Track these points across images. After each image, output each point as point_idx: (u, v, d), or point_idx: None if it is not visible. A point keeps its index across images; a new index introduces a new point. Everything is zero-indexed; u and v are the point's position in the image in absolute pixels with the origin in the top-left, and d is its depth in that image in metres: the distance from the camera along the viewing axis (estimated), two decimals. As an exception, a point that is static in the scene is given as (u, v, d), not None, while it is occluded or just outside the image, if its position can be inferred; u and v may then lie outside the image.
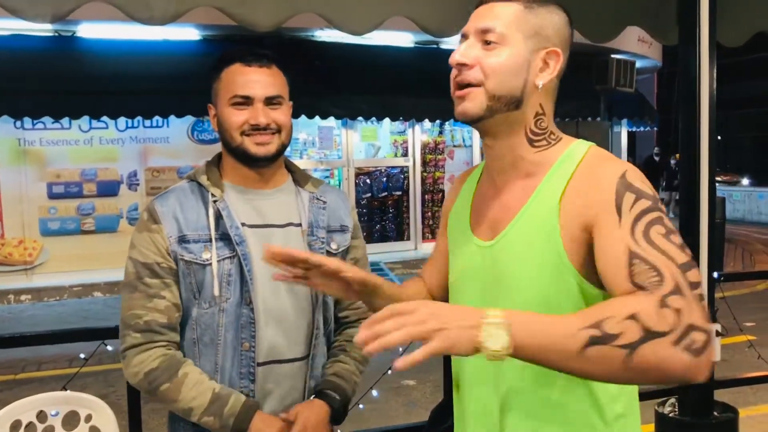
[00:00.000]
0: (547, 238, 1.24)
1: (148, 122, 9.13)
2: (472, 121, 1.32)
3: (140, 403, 2.56)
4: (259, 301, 1.69)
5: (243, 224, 1.71)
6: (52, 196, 8.94)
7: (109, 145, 9.12)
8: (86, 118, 8.51)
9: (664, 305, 1.06)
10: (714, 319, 3.16)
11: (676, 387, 3.32)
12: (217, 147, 1.82)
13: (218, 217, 1.69)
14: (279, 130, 1.72)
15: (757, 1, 3.34)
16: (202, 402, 1.63)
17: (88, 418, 2.38)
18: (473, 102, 1.29)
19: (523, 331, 1.05)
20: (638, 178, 1.21)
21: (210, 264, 1.67)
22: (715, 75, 3.14)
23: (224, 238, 1.68)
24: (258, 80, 1.70)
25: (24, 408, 2.37)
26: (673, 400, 3.33)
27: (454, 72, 1.32)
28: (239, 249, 1.67)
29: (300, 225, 1.77)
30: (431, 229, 11.11)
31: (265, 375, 1.71)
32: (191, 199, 1.72)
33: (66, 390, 2.48)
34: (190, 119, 9.07)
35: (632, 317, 1.05)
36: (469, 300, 1.38)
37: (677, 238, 1.14)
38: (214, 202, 1.70)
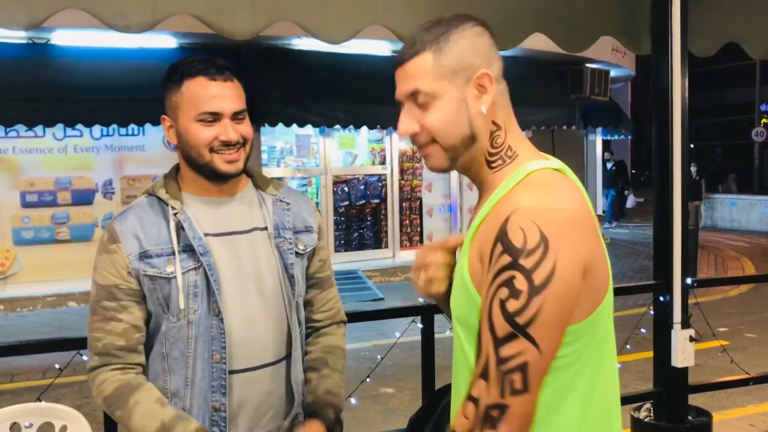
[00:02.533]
0: (463, 263, 1.29)
1: (123, 130, 9.04)
2: (445, 171, 1.37)
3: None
4: (228, 311, 1.67)
5: (206, 234, 1.69)
6: (26, 204, 8.81)
7: (83, 153, 9.02)
8: (60, 126, 8.41)
9: (468, 399, 1.19)
10: (688, 325, 3.21)
11: (650, 392, 3.36)
12: None
13: (180, 229, 1.67)
14: (245, 143, 1.70)
15: (727, 13, 3.41)
16: (148, 428, 1.61)
17: (63, 429, 2.34)
18: (436, 159, 1.33)
19: None
20: (520, 223, 1.16)
21: (174, 277, 1.64)
22: (687, 84, 3.19)
23: (188, 249, 1.66)
24: (225, 95, 1.66)
25: None
26: (648, 405, 3.37)
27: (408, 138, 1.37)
28: (204, 259, 1.65)
29: (265, 228, 1.76)
30: (409, 236, 11.12)
31: (240, 384, 1.69)
32: (151, 214, 1.69)
33: (40, 401, 2.44)
34: (165, 127, 9.02)
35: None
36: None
37: (516, 303, 1.13)
38: (175, 214, 1.67)
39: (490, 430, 1.14)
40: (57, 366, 2.67)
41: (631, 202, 20.53)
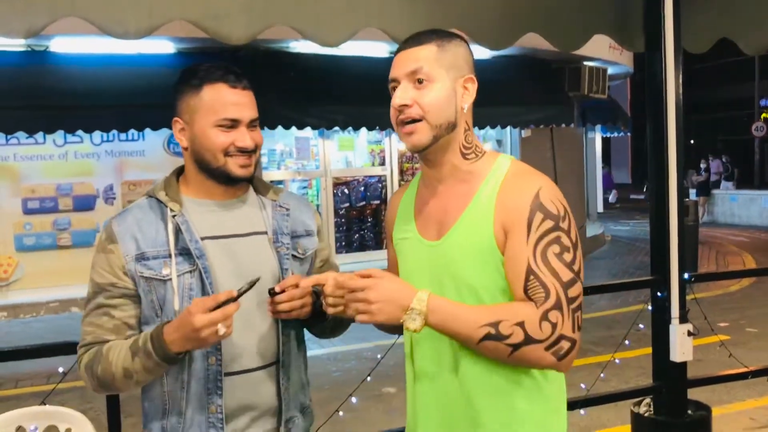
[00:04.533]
0: (484, 234, 1.52)
1: (123, 136, 9.09)
2: (422, 150, 1.58)
3: (120, 418, 2.55)
4: None
5: (205, 237, 1.71)
6: (27, 211, 8.86)
7: (84, 159, 9.07)
8: (60, 132, 8.45)
9: (544, 318, 1.43)
10: (686, 320, 3.23)
11: (650, 387, 3.38)
12: None
13: (178, 231, 1.69)
14: (256, 150, 1.75)
15: (720, 9, 3.43)
16: (125, 356, 1.62)
17: None
18: (420, 134, 1.55)
19: (436, 318, 1.46)
20: (549, 197, 1.50)
21: (170, 279, 1.67)
22: (681, 80, 3.21)
23: (184, 252, 1.68)
24: (244, 103, 1.71)
25: (2, 424, 2.36)
26: (648, 400, 3.39)
27: (395, 113, 1.57)
28: (199, 262, 1.67)
29: (265, 233, 1.79)
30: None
31: (235, 386, 1.70)
32: (150, 216, 1.72)
33: (45, 405, 2.47)
34: (165, 132, 9.05)
35: (520, 324, 1.43)
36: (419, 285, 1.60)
37: (568, 255, 1.47)
38: (173, 217, 1.70)
39: (556, 359, 1.45)
40: (61, 369, 2.69)
41: (613, 196, 21.75)
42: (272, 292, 1.68)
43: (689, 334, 3.21)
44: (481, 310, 1.47)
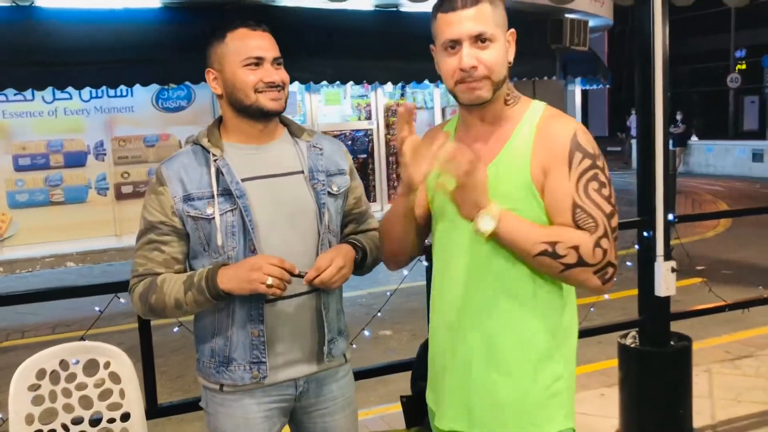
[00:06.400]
0: (522, 169, 1.65)
1: (112, 92, 9.09)
2: (483, 103, 1.67)
3: (153, 355, 2.72)
4: (263, 247, 1.85)
5: (245, 179, 1.87)
6: (19, 168, 8.91)
7: (74, 115, 9.09)
8: (50, 89, 8.46)
9: (597, 245, 1.58)
10: (669, 257, 3.46)
11: (635, 320, 3.64)
12: (181, 115, 1.98)
13: (219, 174, 1.85)
14: (284, 87, 1.90)
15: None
16: (179, 289, 1.79)
17: (107, 365, 2.51)
18: (483, 90, 1.65)
19: (505, 227, 1.59)
20: (585, 138, 1.64)
21: (213, 218, 1.83)
22: (667, 33, 3.39)
23: (226, 193, 1.84)
24: (266, 43, 1.88)
25: (47, 357, 2.48)
26: (633, 332, 3.64)
27: (459, 73, 1.64)
28: (240, 202, 1.82)
29: (301, 172, 1.94)
30: (396, 190, 11.34)
31: (275, 313, 1.88)
32: (194, 161, 1.88)
33: (84, 340, 2.62)
34: (153, 88, 9.06)
35: (575, 248, 1.57)
36: (455, 217, 1.70)
37: (606, 191, 1.62)
38: (215, 161, 1.86)
39: (602, 283, 1.60)
40: (97, 308, 2.83)
41: None
42: (305, 278, 1.81)
43: (672, 270, 3.45)
44: (542, 229, 1.61)
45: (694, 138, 20.13)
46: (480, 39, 1.62)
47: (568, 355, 1.74)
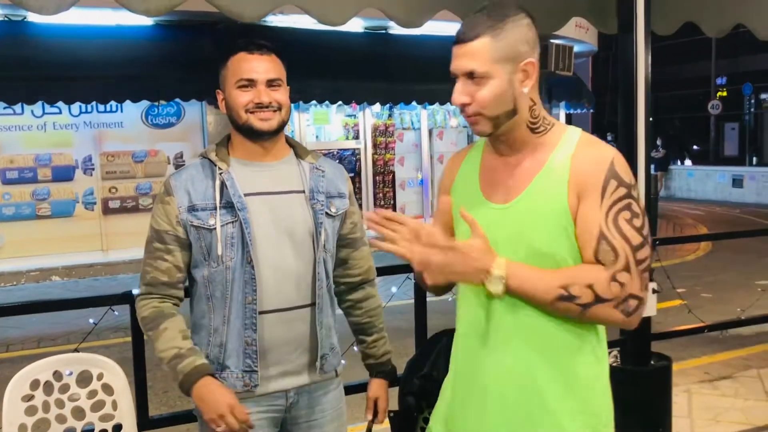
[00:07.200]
0: (559, 199, 1.58)
1: (101, 107, 9.11)
2: (487, 135, 1.65)
3: (146, 367, 2.76)
4: (261, 260, 1.93)
5: (248, 194, 1.96)
6: (6, 181, 8.89)
7: (62, 130, 9.10)
8: (39, 103, 8.47)
9: (613, 280, 1.52)
10: (651, 278, 3.53)
11: (617, 340, 3.70)
12: (171, 131, 2.06)
13: (223, 187, 1.95)
14: (279, 108, 1.98)
15: (686, -5, 3.71)
16: (167, 356, 1.89)
17: (100, 376, 2.56)
18: (481, 125, 1.61)
19: (515, 283, 1.53)
20: (623, 166, 1.58)
21: (215, 228, 1.92)
22: (650, 61, 3.49)
23: (228, 205, 1.93)
24: (259, 65, 1.97)
25: (41, 368, 2.52)
26: (615, 351, 3.70)
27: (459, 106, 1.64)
28: (240, 214, 1.91)
29: (303, 192, 2.03)
30: (383, 209, 11.41)
31: (270, 323, 1.95)
32: (201, 173, 1.98)
33: (78, 351, 2.66)
34: (144, 104, 9.11)
35: (589, 286, 1.52)
36: None
37: (638, 221, 1.55)
38: (220, 174, 1.95)
39: (625, 317, 1.53)
40: (92, 321, 2.88)
41: None
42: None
43: (653, 291, 3.52)
44: (553, 274, 1.54)
45: (687, 162, 20.40)
46: (470, 76, 1.57)
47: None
